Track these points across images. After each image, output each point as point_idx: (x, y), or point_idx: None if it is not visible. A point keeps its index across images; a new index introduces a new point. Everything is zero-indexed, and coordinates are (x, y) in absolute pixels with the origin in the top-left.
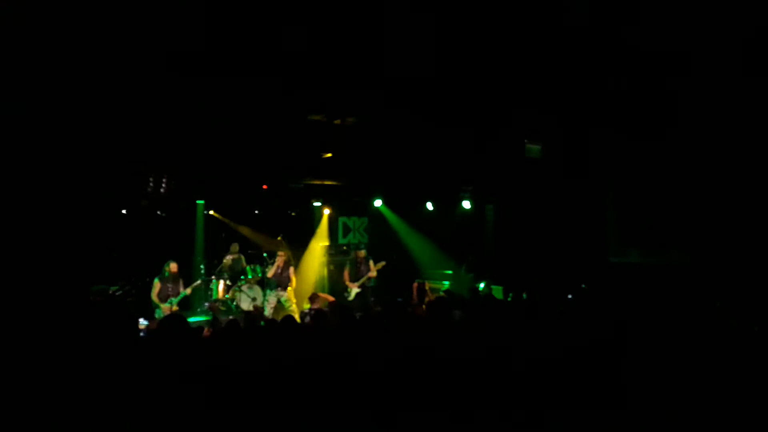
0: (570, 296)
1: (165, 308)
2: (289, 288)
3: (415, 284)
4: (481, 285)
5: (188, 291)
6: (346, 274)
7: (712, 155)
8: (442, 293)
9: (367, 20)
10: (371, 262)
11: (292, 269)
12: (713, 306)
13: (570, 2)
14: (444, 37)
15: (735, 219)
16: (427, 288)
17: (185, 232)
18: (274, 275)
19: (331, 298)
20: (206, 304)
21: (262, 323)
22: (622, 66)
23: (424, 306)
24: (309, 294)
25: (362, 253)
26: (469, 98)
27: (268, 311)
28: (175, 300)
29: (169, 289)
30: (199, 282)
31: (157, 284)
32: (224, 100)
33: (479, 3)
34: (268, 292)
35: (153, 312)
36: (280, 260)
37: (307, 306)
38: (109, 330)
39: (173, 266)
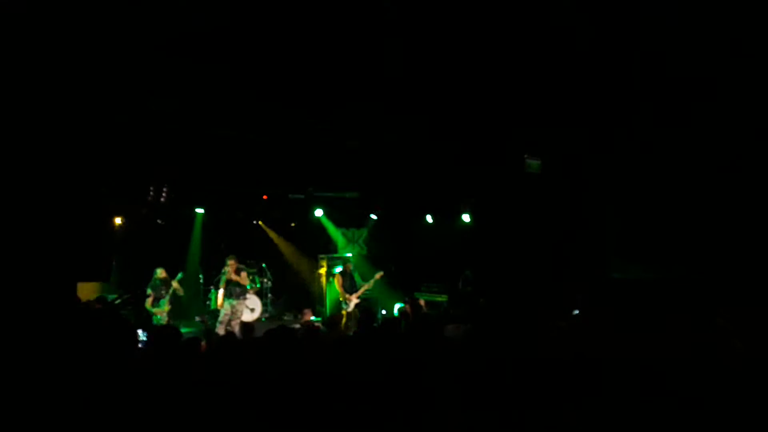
0: (576, 312)
1: (158, 312)
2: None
3: (408, 300)
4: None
5: (175, 284)
6: (339, 285)
7: (715, 167)
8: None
9: (369, 34)
10: (356, 276)
11: (244, 274)
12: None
13: (569, 17)
14: (445, 51)
15: (736, 233)
16: (422, 303)
17: (184, 242)
18: (227, 286)
19: (309, 317)
20: (197, 318)
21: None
22: (621, 81)
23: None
24: (306, 305)
25: (350, 266)
26: (470, 112)
27: (222, 317)
28: (164, 301)
29: (162, 295)
30: (181, 276)
31: (151, 294)
32: (225, 110)
33: (480, 19)
34: (227, 301)
35: (151, 322)
36: (231, 269)
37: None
38: (107, 339)
39: (161, 272)
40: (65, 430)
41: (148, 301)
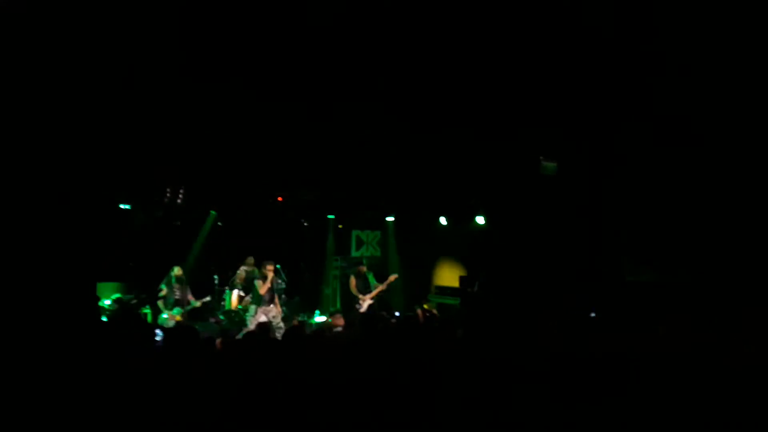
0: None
1: (170, 316)
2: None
3: (419, 311)
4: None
5: (198, 304)
6: (353, 285)
7: (728, 172)
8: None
9: (383, 36)
10: (370, 277)
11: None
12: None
13: (586, 16)
14: (458, 50)
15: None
16: (434, 312)
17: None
18: (268, 291)
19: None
20: (212, 319)
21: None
22: (637, 85)
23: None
24: (319, 307)
25: (363, 269)
26: (485, 113)
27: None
28: (180, 310)
29: (176, 294)
30: (209, 299)
31: (164, 290)
32: (241, 111)
33: (494, 20)
34: (251, 308)
35: (157, 318)
36: (271, 273)
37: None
38: (124, 339)
39: (178, 271)
40: (81, 427)
41: (161, 301)
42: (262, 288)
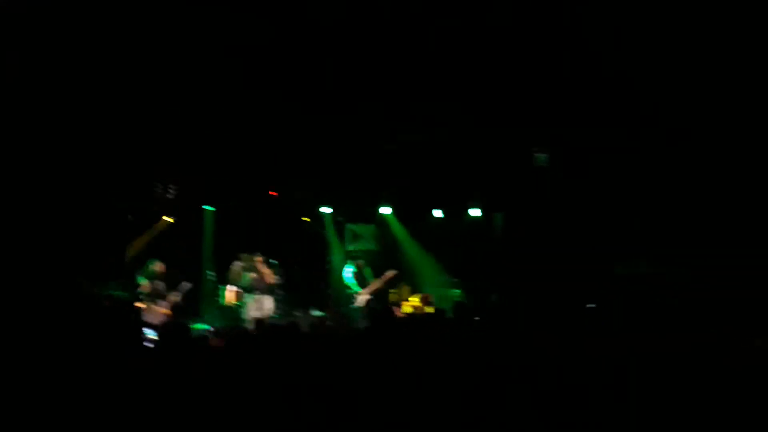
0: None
1: (160, 310)
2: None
3: (421, 295)
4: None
5: (185, 289)
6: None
7: (723, 165)
8: None
9: (383, 32)
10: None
11: (267, 270)
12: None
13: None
14: (451, 45)
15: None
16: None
17: (193, 239)
18: (254, 281)
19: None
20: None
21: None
22: (628, 77)
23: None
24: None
25: (361, 263)
26: (477, 107)
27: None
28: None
29: (160, 287)
30: (190, 284)
31: (146, 285)
32: (233, 106)
33: (487, 16)
34: (247, 297)
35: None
36: (259, 265)
37: None
38: (114, 335)
39: (159, 266)
40: (70, 429)
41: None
42: (253, 280)
